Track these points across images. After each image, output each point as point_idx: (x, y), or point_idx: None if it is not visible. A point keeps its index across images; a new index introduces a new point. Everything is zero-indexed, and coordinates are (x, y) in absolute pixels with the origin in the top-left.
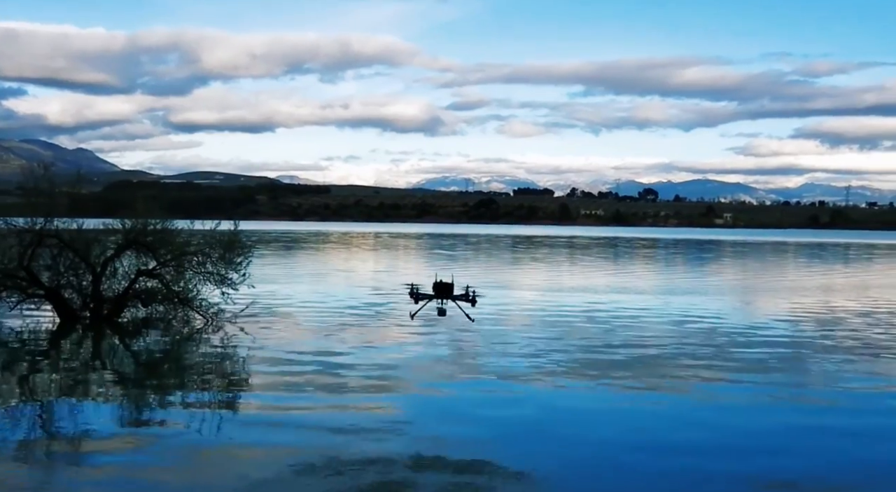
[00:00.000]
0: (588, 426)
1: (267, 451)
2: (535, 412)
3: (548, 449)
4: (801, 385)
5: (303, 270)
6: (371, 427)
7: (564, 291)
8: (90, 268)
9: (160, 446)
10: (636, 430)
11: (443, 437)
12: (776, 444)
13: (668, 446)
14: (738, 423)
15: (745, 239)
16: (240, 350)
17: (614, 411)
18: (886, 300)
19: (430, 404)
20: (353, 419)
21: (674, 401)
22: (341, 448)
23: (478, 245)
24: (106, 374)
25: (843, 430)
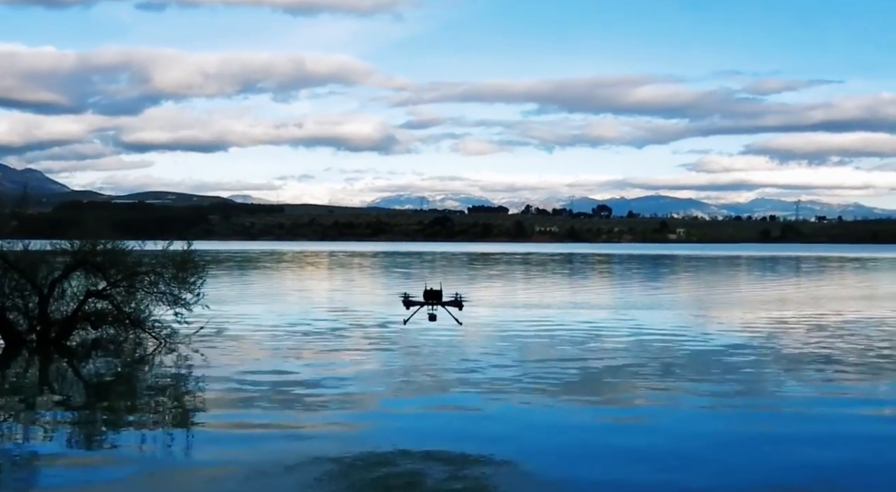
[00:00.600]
0: (545, 440)
1: (220, 471)
2: (498, 429)
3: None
4: (754, 395)
5: (257, 290)
6: (327, 446)
7: (521, 308)
8: (37, 289)
9: (110, 473)
10: (593, 444)
11: (401, 455)
12: (732, 453)
13: (629, 456)
14: (694, 433)
15: (698, 254)
16: (194, 373)
17: (570, 427)
18: (836, 311)
19: (387, 422)
20: (309, 440)
21: (630, 414)
22: (297, 469)
23: (434, 263)
24: (54, 399)
25: (791, 437)
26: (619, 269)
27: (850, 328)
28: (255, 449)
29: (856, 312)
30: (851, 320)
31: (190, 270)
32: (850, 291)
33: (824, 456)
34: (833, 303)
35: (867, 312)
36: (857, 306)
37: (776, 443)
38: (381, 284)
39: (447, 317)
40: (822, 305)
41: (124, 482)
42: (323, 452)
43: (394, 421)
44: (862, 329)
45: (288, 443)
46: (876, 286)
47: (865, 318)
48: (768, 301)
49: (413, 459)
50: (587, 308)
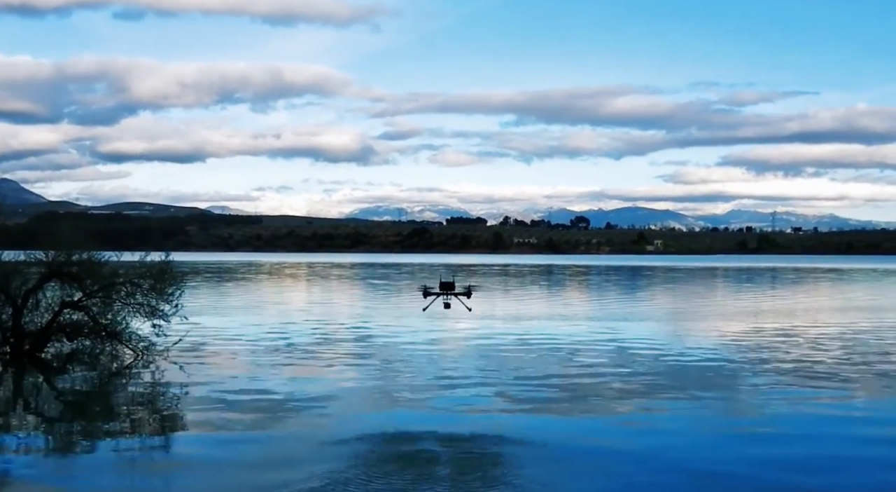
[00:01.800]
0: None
1: (199, 486)
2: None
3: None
4: (733, 405)
5: (236, 302)
6: (305, 458)
7: (499, 319)
8: (10, 300)
9: (86, 486)
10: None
11: (381, 465)
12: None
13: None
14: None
15: (676, 265)
16: (172, 386)
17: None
18: (812, 322)
19: (365, 434)
20: (288, 451)
21: (610, 423)
22: (278, 482)
23: (413, 274)
24: (28, 413)
25: (763, 440)
26: (599, 280)
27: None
28: (234, 457)
29: (850, 323)
30: (854, 330)
31: (168, 281)
32: (828, 302)
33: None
34: (810, 314)
35: (850, 322)
36: (840, 317)
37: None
38: (359, 296)
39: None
40: (798, 316)
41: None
42: (296, 454)
43: (367, 423)
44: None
45: (266, 459)
46: (851, 297)
47: (854, 328)
48: (748, 313)
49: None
50: (568, 320)
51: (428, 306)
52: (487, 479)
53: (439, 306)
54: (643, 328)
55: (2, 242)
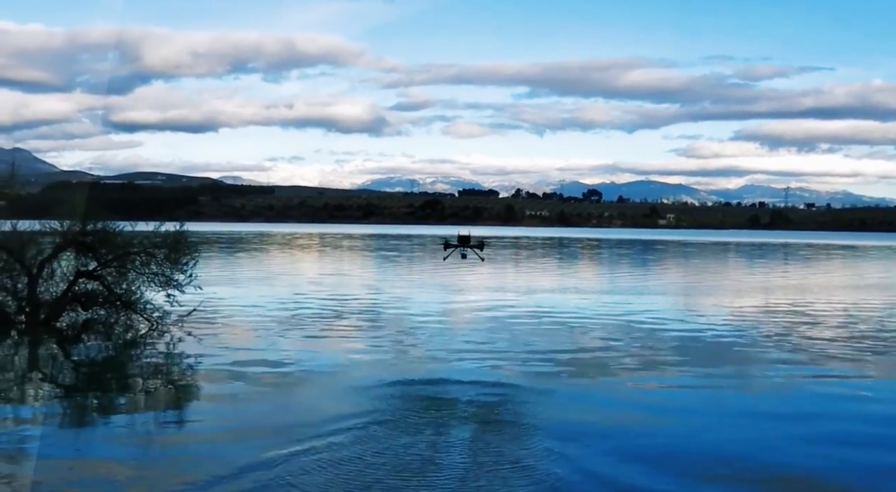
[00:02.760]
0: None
1: (213, 457)
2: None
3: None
4: (746, 380)
5: (249, 272)
6: (320, 428)
7: (511, 292)
8: (25, 269)
9: (103, 452)
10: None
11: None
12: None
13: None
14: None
15: (688, 239)
16: (186, 355)
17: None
18: (826, 299)
19: (378, 404)
20: (303, 420)
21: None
22: (295, 452)
23: (424, 246)
24: (44, 381)
25: (777, 416)
26: (610, 254)
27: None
28: (248, 438)
29: (863, 300)
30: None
31: (182, 251)
32: (841, 278)
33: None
34: (821, 291)
35: (863, 299)
36: (854, 294)
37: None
38: (371, 267)
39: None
40: (810, 292)
41: (117, 463)
42: (312, 439)
43: (383, 388)
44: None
45: (283, 425)
46: (865, 274)
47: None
48: (761, 288)
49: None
50: (580, 293)
51: (447, 256)
52: (509, 414)
53: (457, 257)
54: (655, 303)
55: (16, 212)
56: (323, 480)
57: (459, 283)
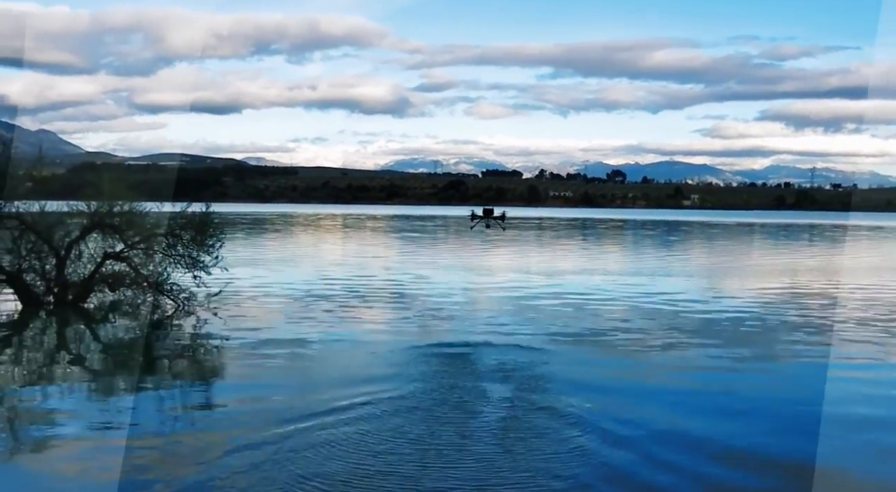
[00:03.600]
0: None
1: (240, 436)
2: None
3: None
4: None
5: (273, 253)
6: (347, 411)
7: (535, 273)
8: (53, 251)
9: (129, 432)
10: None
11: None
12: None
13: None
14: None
15: (713, 220)
16: (213, 336)
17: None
18: (854, 281)
19: (407, 391)
20: (328, 405)
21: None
22: (320, 434)
23: (447, 228)
24: (71, 362)
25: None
26: (635, 235)
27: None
28: (275, 420)
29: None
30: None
31: (208, 233)
32: (870, 260)
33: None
34: (849, 274)
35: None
36: (884, 277)
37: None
38: (395, 248)
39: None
40: (838, 275)
41: (144, 442)
42: (337, 419)
43: (412, 368)
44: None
45: (309, 411)
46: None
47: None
48: (793, 270)
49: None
50: (604, 275)
51: (474, 225)
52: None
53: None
54: (682, 285)
55: (43, 193)
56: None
57: (484, 264)
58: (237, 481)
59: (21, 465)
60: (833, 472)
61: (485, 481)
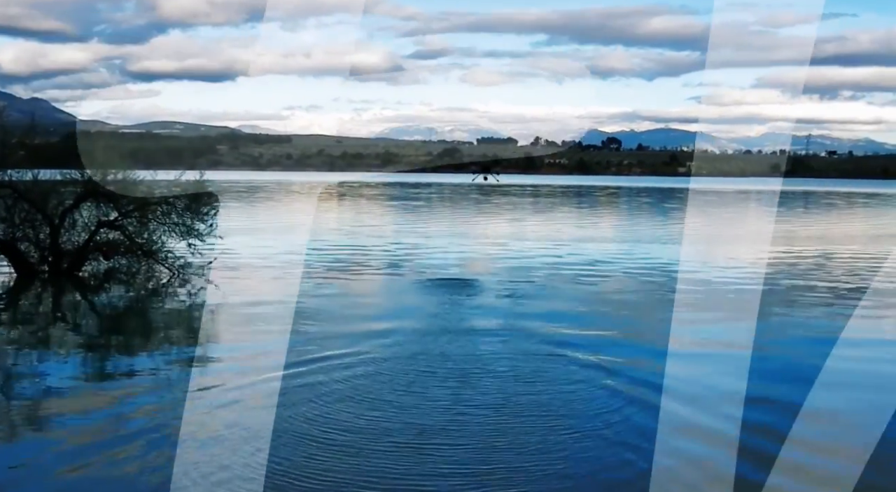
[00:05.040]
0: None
1: (238, 406)
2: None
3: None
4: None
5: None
6: (350, 375)
7: (531, 241)
8: (47, 219)
9: (127, 404)
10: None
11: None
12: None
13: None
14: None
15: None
16: (208, 304)
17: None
18: (855, 248)
19: (409, 351)
20: (333, 372)
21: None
22: (327, 405)
23: (442, 196)
24: (67, 330)
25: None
26: (630, 201)
27: None
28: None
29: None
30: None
31: (203, 201)
32: (868, 228)
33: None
34: (860, 240)
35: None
36: (884, 244)
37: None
38: (390, 215)
39: None
40: (833, 242)
41: (142, 412)
42: (342, 384)
43: (415, 355)
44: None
45: (309, 381)
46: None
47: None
48: (798, 237)
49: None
50: (603, 242)
51: (475, 179)
52: None
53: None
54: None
55: (37, 162)
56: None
57: (481, 232)
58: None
59: (22, 435)
60: None
61: None
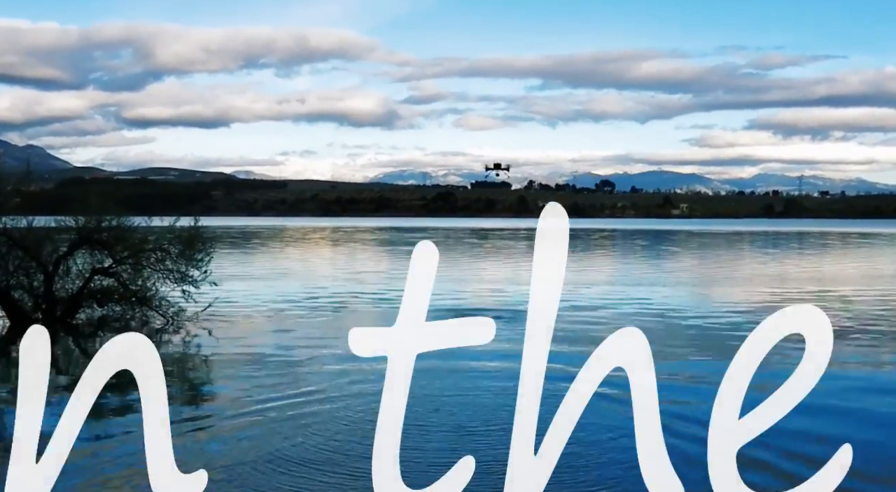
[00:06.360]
0: None
1: (231, 453)
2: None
3: None
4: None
5: (263, 267)
6: (342, 423)
7: (525, 284)
8: (42, 267)
9: (118, 451)
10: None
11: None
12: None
13: None
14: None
15: (703, 229)
16: (202, 351)
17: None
18: (852, 289)
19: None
20: (323, 417)
21: None
22: (313, 447)
23: (437, 242)
24: (60, 378)
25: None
26: (624, 244)
27: None
28: (266, 430)
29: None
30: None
31: (197, 247)
32: (864, 268)
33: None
34: (839, 282)
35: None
36: (882, 284)
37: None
38: (385, 260)
39: None
40: (826, 283)
41: (133, 460)
42: (332, 436)
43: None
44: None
45: (302, 423)
46: (886, 263)
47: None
48: (788, 278)
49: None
50: (599, 285)
51: (488, 175)
52: None
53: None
54: (681, 294)
55: (31, 208)
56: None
57: (472, 276)
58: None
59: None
60: None
61: None
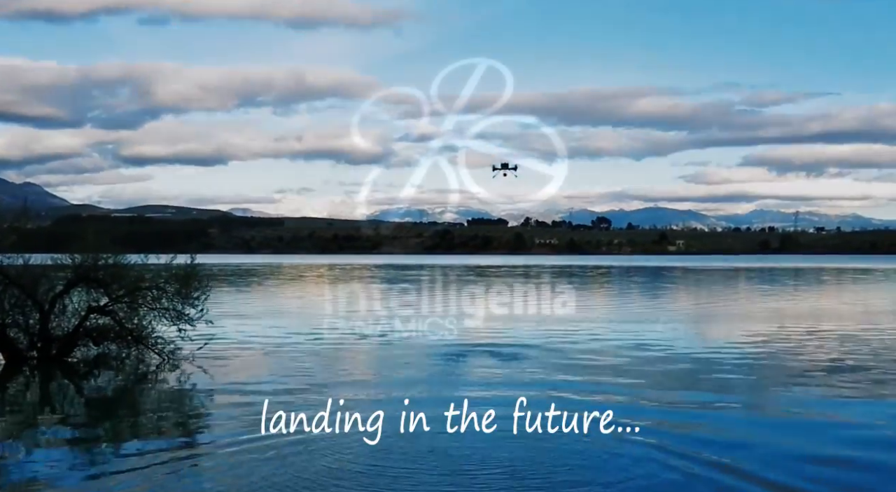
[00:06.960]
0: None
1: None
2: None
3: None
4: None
5: (260, 305)
6: (341, 465)
7: (526, 321)
8: (37, 305)
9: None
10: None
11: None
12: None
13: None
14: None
15: (699, 265)
16: (198, 390)
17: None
18: (849, 325)
19: (408, 444)
20: (323, 459)
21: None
22: (303, 486)
23: (433, 279)
24: (56, 416)
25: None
26: (621, 282)
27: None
28: (264, 470)
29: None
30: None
31: (193, 286)
32: (861, 304)
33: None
34: (835, 318)
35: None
36: (877, 320)
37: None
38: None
39: None
40: (823, 319)
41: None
42: (330, 474)
43: (411, 444)
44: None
45: (300, 466)
46: (882, 298)
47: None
48: (783, 315)
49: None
50: (596, 322)
51: (494, 176)
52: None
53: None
54: (676, 331)
55: (28, 246)
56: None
57: (472, 313)
58: None
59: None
60: None
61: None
